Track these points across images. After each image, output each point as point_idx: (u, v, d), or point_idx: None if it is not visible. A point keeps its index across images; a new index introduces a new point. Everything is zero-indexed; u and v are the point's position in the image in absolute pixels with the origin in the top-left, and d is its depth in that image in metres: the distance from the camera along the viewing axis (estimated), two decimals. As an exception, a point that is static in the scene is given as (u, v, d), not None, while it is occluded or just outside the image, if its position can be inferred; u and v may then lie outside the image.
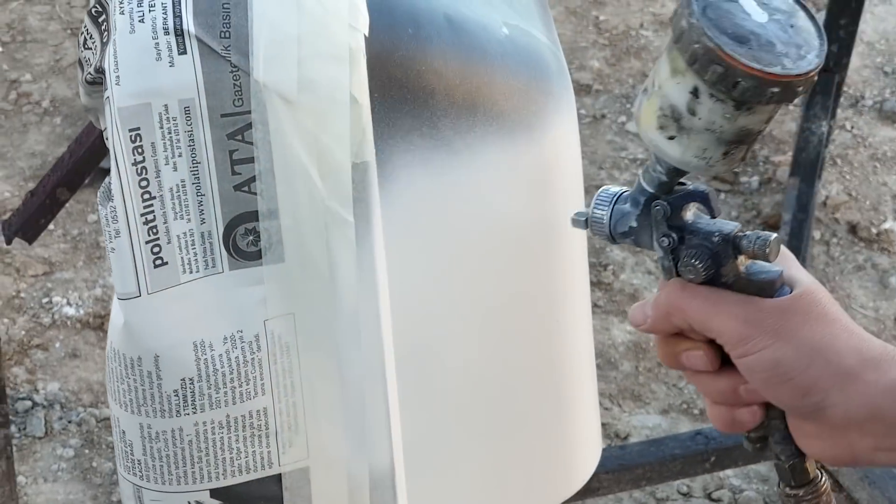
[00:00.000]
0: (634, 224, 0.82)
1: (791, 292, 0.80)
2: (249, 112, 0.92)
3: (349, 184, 0.96)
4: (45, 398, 2.28)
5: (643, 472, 1.74)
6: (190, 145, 0.93)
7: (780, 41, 0.77)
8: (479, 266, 1.06)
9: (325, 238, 0.97)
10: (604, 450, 1.85)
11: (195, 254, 0.95)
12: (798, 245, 2.52)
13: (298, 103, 0.93)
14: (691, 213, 0.82)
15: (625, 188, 0.85)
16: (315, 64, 0.93)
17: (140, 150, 0.92)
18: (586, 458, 1.20)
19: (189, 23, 0.90)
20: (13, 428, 2.18)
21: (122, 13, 0.90)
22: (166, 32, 0.90)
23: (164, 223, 0.94)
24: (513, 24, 1.00)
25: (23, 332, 2.38)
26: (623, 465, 1.73)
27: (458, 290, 1.06)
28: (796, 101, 0.80)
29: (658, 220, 0.81)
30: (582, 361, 1.17)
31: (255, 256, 0.96)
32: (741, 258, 0.80)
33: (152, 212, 0.93)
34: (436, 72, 0.96)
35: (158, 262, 0.94)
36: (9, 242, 1.33)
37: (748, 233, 0.80)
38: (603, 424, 2.31)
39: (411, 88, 0.96)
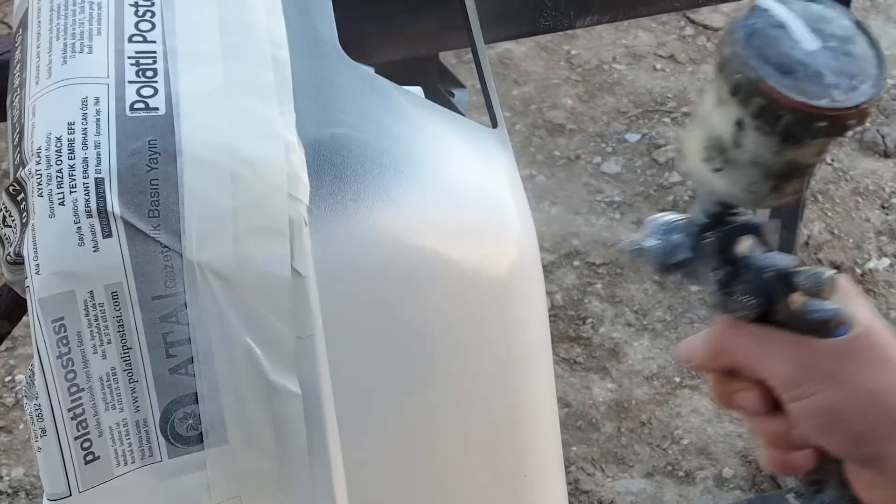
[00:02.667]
0: (688, 255, 0.78)
1: (848, 332, 0.74)
2: (183, 292, 0.85)
3: (293, 357, 0.89)
4: (10, 485, 2.20)
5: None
6: (120, 331, 0.85)
7: (830, 71, 0.71)
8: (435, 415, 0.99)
9: (271, 414, 0.90)
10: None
11: (129, 444, 0.88)
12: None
13: (236, 281, 0.86)
14: (745, 245, 0.77)
15: (678, 216, 0.80)
16: (252, 239, 0.85)
17: (65, 342, 0.84)
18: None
19: (114, 203, 0.83)
20: (-25, 521, 2.10)
21: (40, 195, 0.83)
22: (89, 215, 0.83)
23: (95, 415, 0.86)
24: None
25: (-16, 415, 2.30)
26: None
27: (419, 442, 0.99)
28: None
29: (709, 253, 0.77)
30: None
31: (196, 441, 0.89)
32: (795, 295, 0.75)
33: (81, 405, 0.86)
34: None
35: (90, 457, 0.87)
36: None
37: (803, 269, 0.75)
38: (586, 492, 2.24)
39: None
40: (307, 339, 0.89)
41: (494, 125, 1.04)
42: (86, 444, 0.86)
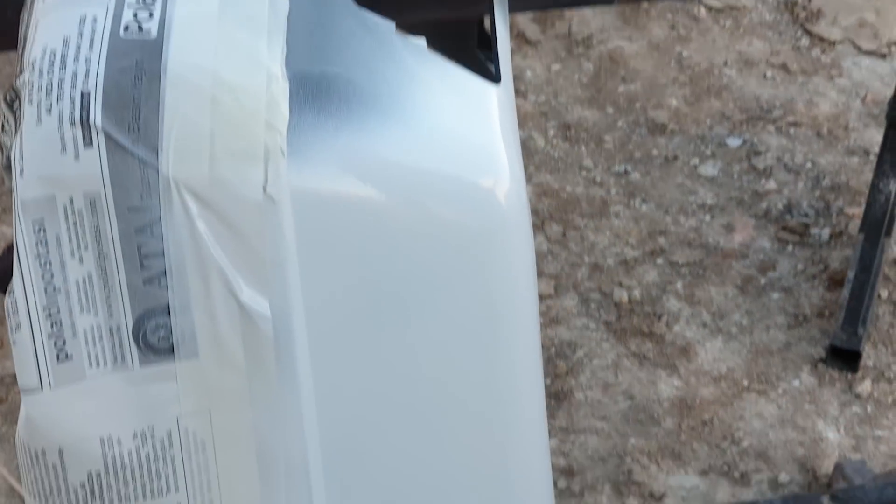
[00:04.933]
0: None
1: None
2: (158, 206, 0.90)
3: (265, 280, 0.93)
4: None
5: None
6: (96, 238, 0.90)
7: None
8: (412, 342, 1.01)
9: (241, 333, 0.94)
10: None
11: (102, 348, 0.93)
12: (859, 306, 2.43)
13: (210, 200, 0.90)
14: None
15: None
16: (228, 162, 0.90)
17: (44, 243, 0.89)
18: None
19: (97, 115, 0.88)
20: None
21: (30, 103, 0.88)
22: (73, 124, 0.88)
23: (70, 316, 0.91)
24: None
25: None
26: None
27: (389, 381, 1.02)
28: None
29: None
30: (534, 458, 1.12)
31: (168, 352, 0.94)
32: None
33: (56, 305, 0.91)
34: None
35: (62, 356, 0.92)
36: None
37: None
38: (638, 483, 2.25)
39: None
40: (279, 265, 0.93)
41: (498, 80, 1.06)
42: (59, 343, 0.91)
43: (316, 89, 0.95)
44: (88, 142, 0.88)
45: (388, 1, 1.17)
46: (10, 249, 1.36)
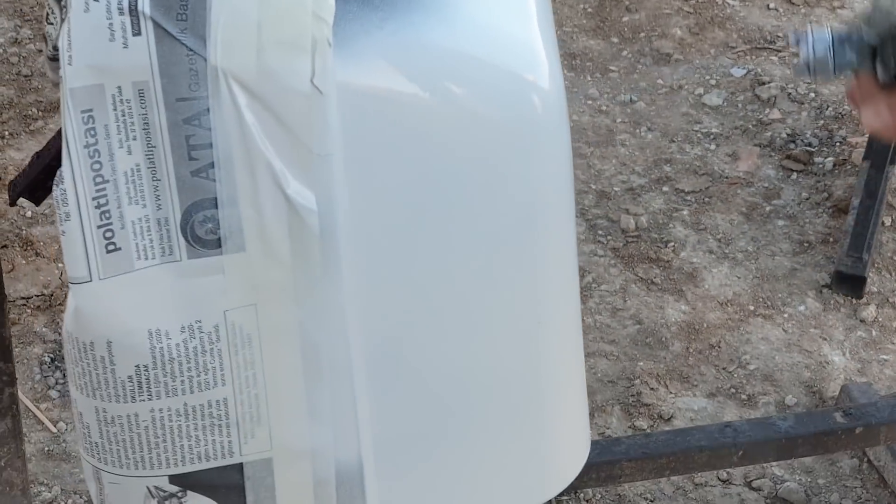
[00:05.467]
0: (855, 60, 0.99)
1: None
2: (206, 97, 0.90)
3: (312, 172, 0.93)
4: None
5: (667, 462, 1.70)
6: (145, 129, 0.90)
7: None
8: (451, 243, 1.02)
9: (287, 227, 0.94)
10: (628, 437, 1.82)
11: (150, 240, 0.93)
12: (864, 232, 2.44)
13: (258, 91, 0.90)
14: None
15: (830, 30, 1.01)
16: (275, 52, 0.90)
17: (93, 133, 0.90)
18: (572, 458, 1.16)
19: (145, 3, 0.88)
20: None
21: (77, -9, 0.88)
22: (121, 13, 0.88)
23: (118, 208, 0.92)
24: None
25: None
26: (647, 453, 1.68)
27: (430, 277, 1.02)
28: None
29: (889, 53, 0.97)
30: (567, 356, 1.13)
31: (215, 245, 0.94)
32: None
33: (105, 196, 0.91)
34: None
35: (111, 247, 0.92)
36: (13, 203, 1.32)
37: None
38: (647, 405, 2.27)
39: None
40: (325, 157, 0.93)
41: None
42: (108, 234, 0.92)
43: (361, -18, 0.95)
44: (137, 30, 0.88)
45: None
46: (38, 156, 1.35)
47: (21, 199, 1.27)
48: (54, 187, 0.92)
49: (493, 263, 1.03)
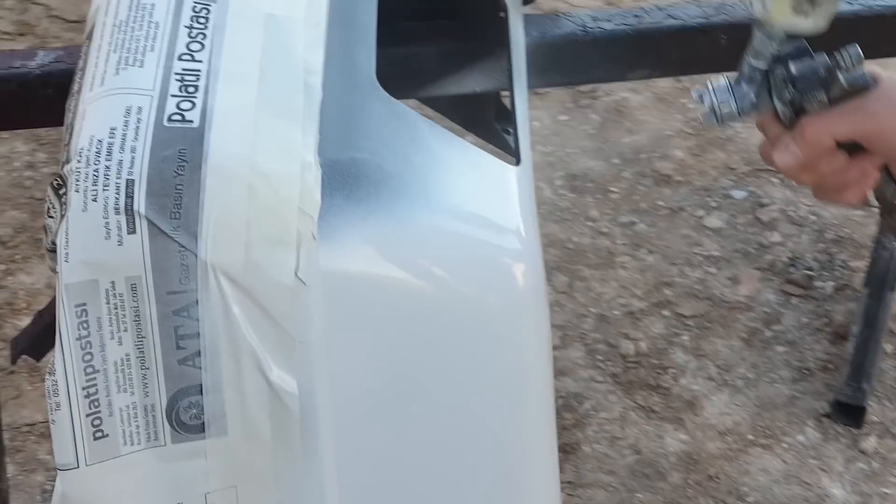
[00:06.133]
0: (754, 98, 1.02)
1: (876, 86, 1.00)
2: (196, 290, 0.93)
3: (294, 359, 0.96)
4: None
5: None
6: (136, 320, 0.93)
7: None
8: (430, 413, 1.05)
9: (269, 411, 0.97)
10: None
11: (137, 426, 0.96)
12: (863, 361, 2.45)
13: (244, 284, 0.93)
14: (796, 65, 1.00)
15: (727, 78, 1.03)
16: (262, 247, 0.93)
17: (86, 325, 0.93)
18: None
19: (140, 203, 0.91)
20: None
21: (76, 191, 0.92)
22: (117, 212, 0.91)
23: (107, 396, 0.94)
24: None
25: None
26: None
27: (409, 457, 1.05)
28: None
29: (780, 83, 1.01)
30: None
31: (198, 430, 0.97)
32: (838, 74, 0.98)
33: (95, 385, 0.94)
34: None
35: (98, 434, 0.95)
36: (13, 362, 1.35)
37: (837, 55, 0.99)
38: (645, 538, 2.27)
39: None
40: (307, 344, 0.96)
41: (518, 162, 1.10)
42: (96, 422, 0.94)
43: (346, 175, 0.98)
44: (132, 228, 0.91)
45: (411, 80, 1.21)
46: (41, 315, 1.39)
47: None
48: (46, 376, 0.95)
49: (473, 440, 1.06)
